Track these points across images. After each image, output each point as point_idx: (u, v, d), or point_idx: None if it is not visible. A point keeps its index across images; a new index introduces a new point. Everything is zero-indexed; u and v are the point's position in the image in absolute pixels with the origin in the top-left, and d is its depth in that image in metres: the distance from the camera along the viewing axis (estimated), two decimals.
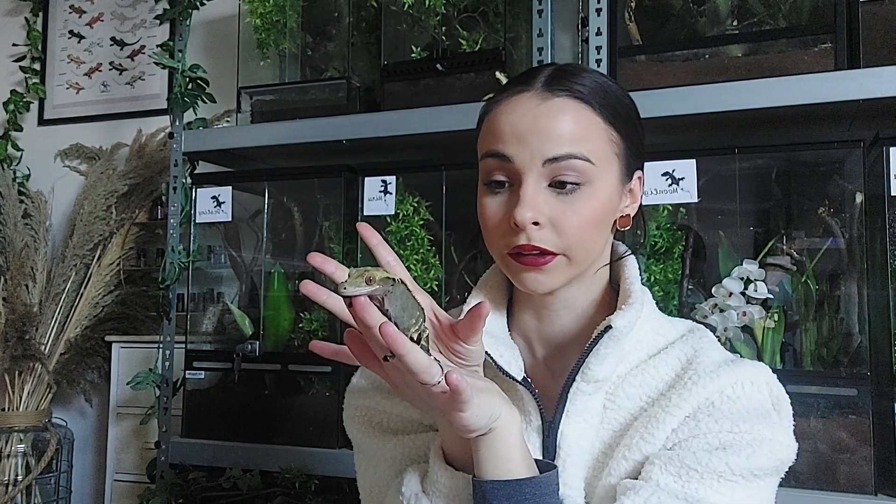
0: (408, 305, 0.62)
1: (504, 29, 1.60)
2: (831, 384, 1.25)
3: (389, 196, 1.57)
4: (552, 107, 0.75)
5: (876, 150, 1.26)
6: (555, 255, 0.74)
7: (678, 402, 0.74)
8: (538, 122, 0.74)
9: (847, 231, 1.32)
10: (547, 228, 0.74)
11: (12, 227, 2.36)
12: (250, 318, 1.75)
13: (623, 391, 0.78)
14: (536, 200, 0.73)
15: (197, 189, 1.76)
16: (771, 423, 0.74)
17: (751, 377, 0.76)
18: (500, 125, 0.76)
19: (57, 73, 2.61)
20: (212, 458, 1.69)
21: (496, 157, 0.76)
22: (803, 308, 1.33)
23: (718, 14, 1.44)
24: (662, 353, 0.80)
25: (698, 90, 1.36)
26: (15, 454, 2.21)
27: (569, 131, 0.74)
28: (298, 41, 1.86)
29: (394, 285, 0.60)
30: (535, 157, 0.73)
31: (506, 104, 0.77)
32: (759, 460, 0.71)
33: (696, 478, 0.70)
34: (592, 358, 0.76)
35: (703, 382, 0.75)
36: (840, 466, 1.22)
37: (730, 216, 1.38)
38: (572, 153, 0.73)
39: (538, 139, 0.73)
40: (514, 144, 0.74)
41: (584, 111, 0.75)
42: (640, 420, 0.76)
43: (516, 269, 0.76)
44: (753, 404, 0.75)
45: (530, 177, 0.73)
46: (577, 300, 0.82)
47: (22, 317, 2.19)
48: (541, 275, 0.75)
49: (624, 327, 0.76)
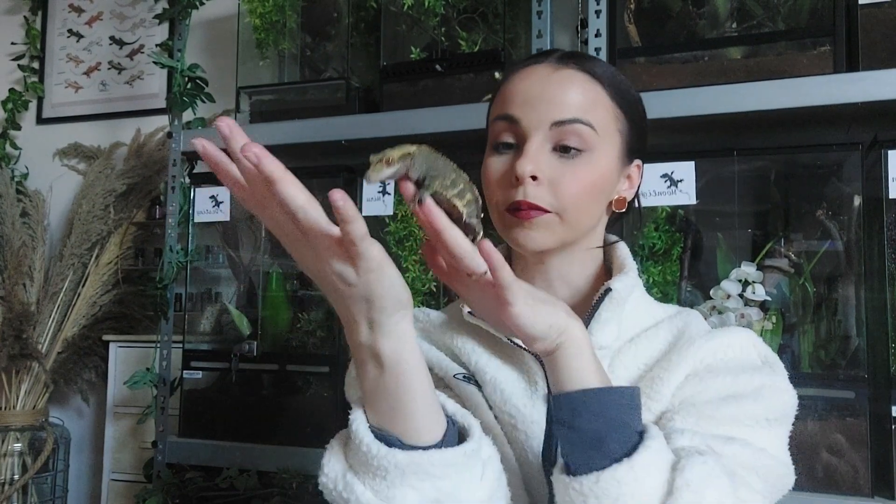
0: (435, 165, 0.59)
1: (503, 30, 1.60)
2: (829, 386, 1.25)
3: (388, 196, 1.58)
4: (563, 76, 0.79)
5: (874, 152, 1.26)
6: (547, 211, 0.76)
7: (678, 361, 0.76)
8: (548, 89, 0.78)
9: (845, 234, 1.32)
10: (544, 186, 0.76)
11: (10, 226, 2.35)
12: (248, 318, 1.75)
13: (620, 362, 0.80)
14: (539, 157, 0.76)
15: (195, 189, 1.76)
16: (767, 373, 0.77)
17: (739, 340, 0.79)
18: (511, 91, 0.80)
19: (56, 72, 2.61)
20: (209, 457, 1.68)
21: (505, 119, 0.79)
22: (801, 310, 1.33)
23: (717, 16, 1.44)
24: (654, 327, 0.83)
25: (697, 92, 1.36)
26: (11, 453, 2.20)
27: (576, 98, 0.77)
28: (298, 41, 1.86)
29: (412, 155, 0.58)
30: (542, 119, 0.77)
31: (519, 73, 0.81)
32: (766, 403, 0.73)
33: (714, 424, 0.71)
34: (594, 324, 0.78)
35: (699, 343, 0.78)
36: (837, 469, 1.23)
37: (728, 218, 1.38)
38: (578, 118, 0.76)
39: (547, 104, 0.77)
40: (523, 107, 0.78)
41: (593, 85, 0.79)
42: (643, 383, 0.78)
43: (510, 223, 0.78)
44: (744, 362, 0.78)
45: (536, 137, 0.77)
46: (570, 273, 0.84)
47: (19, 316, 2.18)
48: (532, 230, 0.77)
49: (623, 289, 0.79)
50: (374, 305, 0.58)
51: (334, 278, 0.57)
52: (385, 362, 0.61)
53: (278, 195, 0.52)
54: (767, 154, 1.38)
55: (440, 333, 0.87)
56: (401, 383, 0.62)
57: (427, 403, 0.64)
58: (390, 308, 0.59)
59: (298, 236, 0.57)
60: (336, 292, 0.59)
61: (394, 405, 0.62)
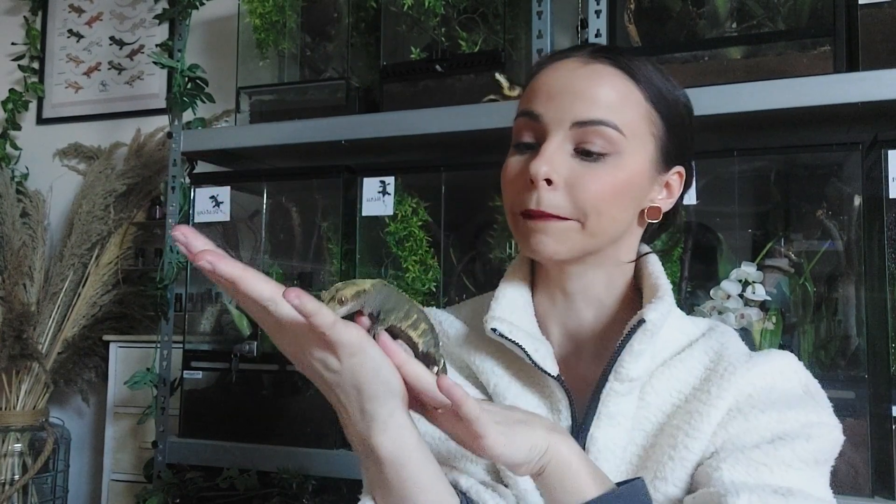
0: (389, 299, 0.58)
1: (503, 30, 1.60)
2: (829, 386, 1.23)
3: (388, 197, 1.57)
4: (592, 70, 0.72)
5: (874, 152, 1.26)
6: (566, 219, 0.70)
7: (719, 394, 0.71)
8: (574, 83, 0.71)
9: (845, 234, 1.32)
10: (561, 191, 0.70)
11: (10, 227, 2.35)
12: (248, 319, 1.75)
13: (652, 388, 0.74)
14: (555, 158, 0.70)
15: (195, 189, 1.76)
16: (813, 408, 0.72)
17: (780, 367, 0.74)
18: (536, 86, 0.74)
19: (56, 72, 2.61)
20: (209, 458, 1.68)
21: (526, 115, 0.74)
22: (801, 310, 1.33)
23: (717, 16, 1.44)
24: (688, 349, 0.77)
25: (697, 92, 1.34)
26: (12, 454, 2.20)
27: (604, 96, 0.71)
28: (298, 41, 1.86)
29: (366, 292, 0.56)
30: (563, 117, 0.71)
31: (548, 67, 0.75)
32: (816, 444, 0.69)
33: (767, 472, 0.66)
34: (626, 355, 0.71)
35: (741, 372, 0.72)
36: (837, 469, 1.22)
37: (728, 218, 1.38)
38: (602, 119, 0.70)
39: (569, 99, 0.71)
40: (545, 103, 0.72)
41: (625, 81, 0.72)
42: (679, 417, 0.72)
43: (524, 229, 0.73)
44: (788, 394, 0.73)
45: (556, 136, 0.71)
46: (596, 290, 0.77)
47: (19, 316, 2.18)
48: (547, 237, 0.71)
49: (657, 320, 0.71)
50: (364, 393, 0.56)
51: (319, 366, 0.55)
52: (384, 461, 0.59)
53: (243, 294, 0.51)
54: (767, 154, 1.37)
55: (457, 346, 0.82)
56: (403, 479, 0.59)
57: (437, 492, 0.61)
58: (381, 396, 0.56)
59: (278, 327, 0.55)
60: (325, 381, 0.57)
61: (401, 498, 0.60)
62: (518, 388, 0.77)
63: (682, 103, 0.77)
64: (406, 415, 0.59)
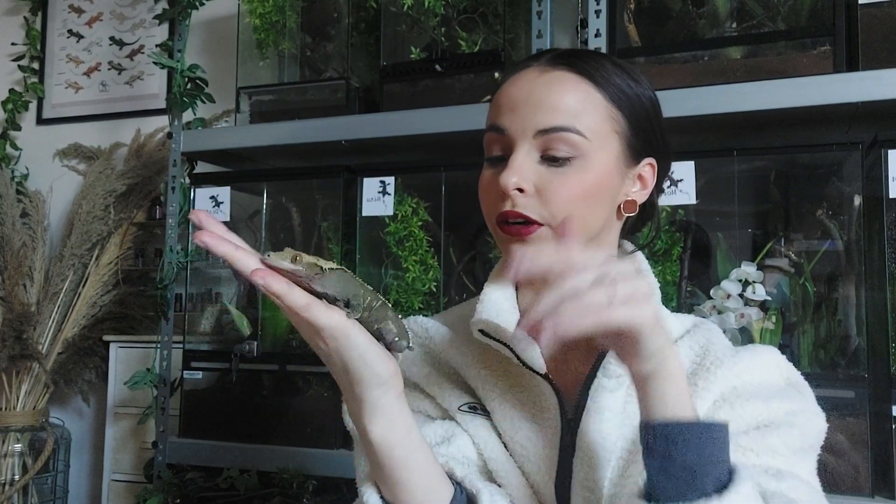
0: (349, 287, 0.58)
1: (503, 30, 1.60)
2: (829, 386, 1.25)
3: (388, 197, 1.57)
4: (550, 79, 0.74)
5: (874, 152, 1.26)
6: (539, 224, 0.73)
7: (706, 386, 0.73)
8: (534, 93, 0.74)
9: (845, 233, 1.32)
10: (532, 197, 0.72)
11: (10, 227, 2.35)
12: (248, 319, 1.75)
13: None
14: (523, 168, 0.72)
15: (195, 189, 1.76)
16: (797, 397, 0.74)
17: (764, 360, 0.77)
18: (501, 99, 0.77)
19: (56, 72, 2.61)
20: (209, 458, 1.68)
21: (492, 130, 0.76)
22: (801, 310, 1.33)
23: (717, 16, 1.44)
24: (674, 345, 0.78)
25: (697, 92, 1.36)
26: (12, 454, 2.20)
27: (563, 102, 0.73)
28: (298, 41, 1.86)
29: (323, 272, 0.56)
30: (526, 127, 0.73)
31: (510, 79, 0.78)
32: (801, 430, 0.71)
33: (754, 456, 0.69)
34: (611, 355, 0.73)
35: (727, 366, 0.74)
36: (837, 468, 1.23)
37: (728, 218, 1.38)
38: (564, 125, 0.72)
39: (531, 110, 0.73)
40: (508, 115, 0.75)
41: (583, 85, 0.74)
42: None
43: (503, 238, 0.75)
44: (771, 385, 0.75)
45: (522, 147, 0.73)
46: None
47: (19, 316, 2.18)
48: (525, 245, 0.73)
49: None
50: (352, 376, 0.59)
51: (318, 351, 0.60)
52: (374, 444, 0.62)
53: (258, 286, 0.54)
54: (767, 154, 1.37)
55: (442, 351, 0.84)
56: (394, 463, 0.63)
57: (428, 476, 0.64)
58: (367, 380, 0.59)
59: None
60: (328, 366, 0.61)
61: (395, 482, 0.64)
62: (505, 389, 0.78)
63: (647, 97, 0.79)
64: (397, 401, 0.62)
